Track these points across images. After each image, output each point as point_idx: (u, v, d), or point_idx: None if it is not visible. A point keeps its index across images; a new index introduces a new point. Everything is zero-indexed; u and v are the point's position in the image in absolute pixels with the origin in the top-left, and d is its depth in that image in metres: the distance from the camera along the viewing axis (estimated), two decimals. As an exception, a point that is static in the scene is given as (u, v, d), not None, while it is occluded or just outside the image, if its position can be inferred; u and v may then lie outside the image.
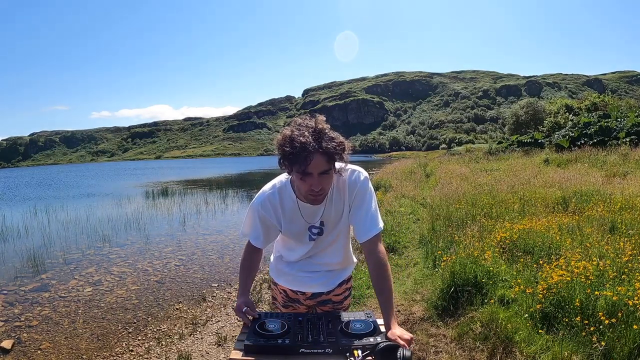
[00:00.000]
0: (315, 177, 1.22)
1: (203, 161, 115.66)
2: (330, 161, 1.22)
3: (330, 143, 1.19)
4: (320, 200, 1.33)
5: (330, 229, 1.48)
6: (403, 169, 17.03)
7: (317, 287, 1.60)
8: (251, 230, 1.52)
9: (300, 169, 1.20)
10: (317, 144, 1.17)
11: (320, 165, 1.20)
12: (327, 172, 1.24)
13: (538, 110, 31.37)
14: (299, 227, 1.46)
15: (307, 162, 1.18)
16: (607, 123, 17.53)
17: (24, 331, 4.03)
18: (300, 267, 1.60)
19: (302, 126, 1.21)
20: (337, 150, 1.21)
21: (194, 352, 3.46)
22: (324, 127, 1.21)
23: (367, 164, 44.19)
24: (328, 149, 1.19)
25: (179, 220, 10.67)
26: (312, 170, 1.21)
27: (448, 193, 7.64)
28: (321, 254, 1.58)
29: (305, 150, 1.16)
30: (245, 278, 1.59)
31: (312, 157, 1.17)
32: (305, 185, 1.25)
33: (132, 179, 32.66)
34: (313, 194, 1.27)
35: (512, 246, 3.99)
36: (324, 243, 1.53)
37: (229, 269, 6.06)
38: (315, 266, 1.59)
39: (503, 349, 2.56)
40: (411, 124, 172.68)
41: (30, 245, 7.95)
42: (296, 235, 1.49)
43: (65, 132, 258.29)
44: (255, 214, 1.46)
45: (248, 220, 1.53)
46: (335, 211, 1.43)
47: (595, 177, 7.92)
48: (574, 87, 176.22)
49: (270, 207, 1.42)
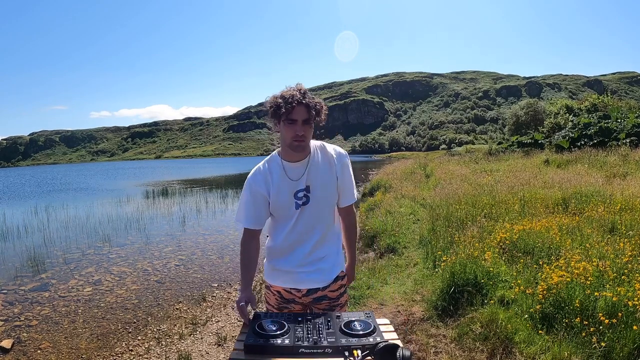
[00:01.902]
0: (299, 123, 1.49)
1: (203, 161, 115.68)
2: (310, 112, 1.50)
3: (311, 99, 1.51)
4: (302, 147, 1.55)
5: (316, 197, 1.62)
6: (403, 170, 17.02)
7: (313, 282, 1.65)
8: (244, 211, 1.64)
9: (288, 117, 1.48)
10: (302, 97, 1.49)
11: (303, 113, 1.49)
12: (308, 122, 1.51)
13: (538, 111, 31.38)
14: (286, 193, 1.60)
15: (293, 110, 1.47)
16: (607, 124, 17.53)
17: (24, 331, 4.03)
18: (295, 262, 1.64)
19: (290, 88, 1.54)
20: (317, 105, 1.52)
21: (194, 352, 3.46)
22: (306, 89, 1.55)
23: (367, 164, 44.19)
24: (309, 102, 1.50)
25: (179, 220, 10.67)
26: (296, 117, 1.48)
27: (448, 193, 7.64)
28: (310, 236, 1.63)
29: (293, 100, 1.47)
30: (244, 271, 1.65)
31: (297, 106, 1.48)
32: (291, 131, 1.50)
33: (132, 179, 32.66)
34: (297, 139, 1.51)
35: (512, 247, 3.99)
36: (312, 217, 1.62)
37: (229, 269, 6.06)
38: (308, 258, 1.64)
39: (503, 349, 2.56)
40: (411, 125, 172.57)
41: (30, 244, 7.95)
42: (283, 204, 1.61)
43: (65, 132, 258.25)
44: (247, 189, 1.63)
45: (241, 202, 1.66)
46: (322, 177, 1.62)
47: (595, 178, 7.92)
48: (574, 87, 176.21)
49: (260, 177, 1.61)
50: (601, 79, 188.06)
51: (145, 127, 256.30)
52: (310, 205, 1.61)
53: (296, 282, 1.66)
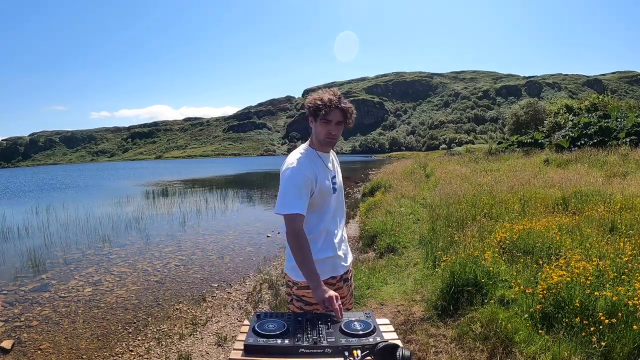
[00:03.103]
0: (333, 124, 1.70)
1: (203, 161, 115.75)
2: (344, 116, 1.70)
3: (345, 104, 1.71)
4: (333, 144, 1.77)
5: (339, 183, 1.86)
6: (403, 169, 17.02)
7: (344, 266, 1.82)
8: (297, 197, 1.63)
9: (325, 117, 1.67)
10: (338, 101, 1.68)
11: (338, 116, 1.69)
12: (340, 124, 1.71)
13: (538, 111, 31.34)
14: (325, 177, 1.76)
15: (330, 112, 1.66)
16: (607, 123, 17.53)
17: (24, 331, 4.03)
18: (334, 247, 1.76)
19: (329, 92, 1.71)
20: (350, 110, 1.72)
21: (194, 352, 3.47)
22: (341, 95, 1.73)
23: (367, 164, 44.19)
24: (344, 107, 1.70)
25: (179, 220, 10.67)
26: (332, 118, 1.68)
27: (448, 193, 7.64)
28: (340, 220, 1.85)
29: (331, 104, 1.66)
30: (312, 263, 1.60)
31: (334, 109, 1.67)
32: (325, 130, 1.70)
33: (132, 179, 32.67)
34: (329, 136, 1.71)
35: (512, 246, 3.99)
36: (339, 201, 1.85)
37: (229, 269, 6.06)
38: (339, 242, 1.81)
39: (503, 349, 2.56)
40: (411, 124, 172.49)
41: (30, 245, 7.95)
42: (327, 189, 1.76)
43: (65, 132, 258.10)
44: (297, 175, 1.66)
45: (289, 189, 1.65)
46: (338, 169, 1.90)
47: (595, 178, 7.92)
48: (574, 87, 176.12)
49: (307, 164, 1.71)
50: (601, 79, 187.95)
51: (145, 127, 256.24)
52: (338, 190, 1.84)
53: (334, 268, 1.77)
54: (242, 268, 6.10)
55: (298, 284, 1.71)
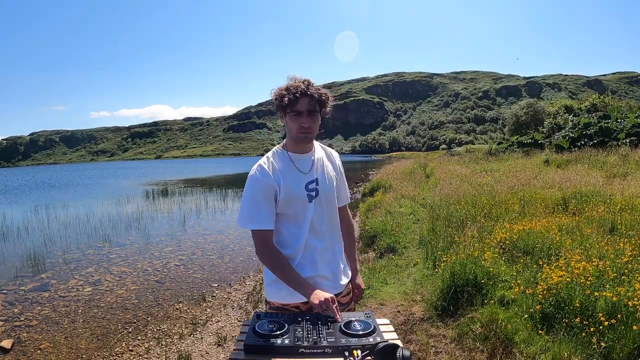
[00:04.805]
0: (305, 115, 1.46)
1: (203, 161, 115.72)
2: (316, 103, 1.47)
3: (316, 90, 1.47)
4: (309, 139, 1.52)
5: (324, 190, 1.57)
6: (403, 170, 17.02)
7: (331, 289, 1.53)
8: (255, 210, 1.47)
9: (294, 108, 1.46)
10: (306, 88, 1.46)
11: (308, 105, 1.45)
12: (314, 113, 1.47)
13: (538, 111, 31.32)
14: (297, 184, 1.52)
15: (298, 101, 1.44)
16: (607, 124, 17.53)
17: (24, 331, 4.03)
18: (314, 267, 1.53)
19: (294, 79, 1.50)
20: (322, 95, 1.48)
21: (194, 352, 3.46)
22: (311, 81, 1.51)
23: (366, 164, 44.20)
24: (314, 92, 1.46)
25: (179, 220, 10.67)
26: (302, 108, 1.45)
27: (448, 193, 7.65)
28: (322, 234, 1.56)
29: (297, 92, 1.44)
30: (294, 275, 1.46)
31: (302, 97, 1.44)
32: (297, 123, 1.47)
33: (132, 179, 32.66)
34: (302, 130, 1.48)
35: (512, 247, 3.99)
36: (324, 211, 1.56)
37: (229, 269, 6.06)
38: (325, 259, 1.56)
39: (503, 349, 2.56)
40: (411, 125, 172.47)
41: (30, 244, 7.95)
42: (296, 196, 1.51)
43: (65, 132, 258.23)
44: (254, 184, 1.49)
45: (248, 200, 1.49)
46: (327, 170, 1.62)
47: (595, 178, 7.92)
48: (574, 87, 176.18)
49: (267, 169, 1.51)
50: (601, 79, 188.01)
51: (145, 127, 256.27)
52: (320, 197, 1.55)
53: None
54: (242, 268, 6.11)
55: (270, 303, 1.57)
